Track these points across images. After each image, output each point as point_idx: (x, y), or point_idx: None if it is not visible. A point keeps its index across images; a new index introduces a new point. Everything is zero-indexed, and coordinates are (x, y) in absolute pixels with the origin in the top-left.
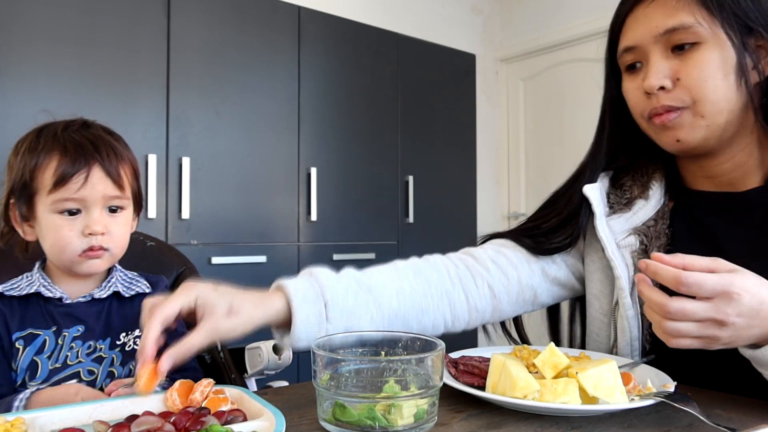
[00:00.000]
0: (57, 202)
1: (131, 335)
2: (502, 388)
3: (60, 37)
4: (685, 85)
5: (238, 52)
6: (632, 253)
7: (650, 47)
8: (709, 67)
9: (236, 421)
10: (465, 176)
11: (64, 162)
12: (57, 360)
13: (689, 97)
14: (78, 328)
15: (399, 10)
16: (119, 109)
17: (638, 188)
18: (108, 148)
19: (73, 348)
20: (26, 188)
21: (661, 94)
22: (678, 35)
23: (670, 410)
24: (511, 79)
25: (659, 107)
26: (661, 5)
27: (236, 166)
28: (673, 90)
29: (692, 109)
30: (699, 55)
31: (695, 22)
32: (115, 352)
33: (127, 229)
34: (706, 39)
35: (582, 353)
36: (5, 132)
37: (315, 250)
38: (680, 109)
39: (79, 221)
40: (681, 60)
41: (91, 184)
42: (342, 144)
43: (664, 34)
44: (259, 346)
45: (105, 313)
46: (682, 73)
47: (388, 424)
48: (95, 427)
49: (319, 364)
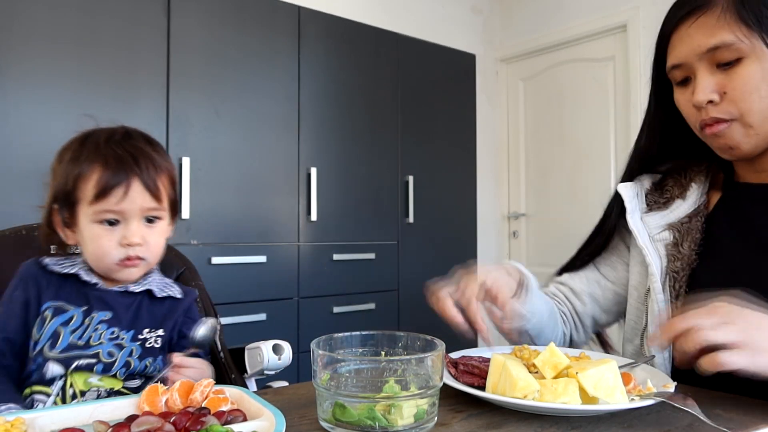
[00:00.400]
0: (97, 213)
1: (154, 333)
2: (502, 388)
3: (60, 37)
4: (731, 98)
5: (238, 52)
6: (666, 246)
7: (696, 64)
8: (753, 80)
9: (236, 421)
10: (465, 176)
11: (105, 175)
12: (81, 338)
13: (736, 110)
14: (107, 313)
15: (399, 10)
16: (119, 109)
17: (678, 189)
18: (147, 160)
19: (98, 330)
20: (69, 197)
21: (710, 107)
22: (720, 53)
23: (670, 410)
24: (511, 79)
25: (708, 119)
26: (702, 25)
27: (236, 166)
28: (721, 103)
29: (740, 121)
30: (742, 70)
31: (736, 40)
32: (136, 345)
33: (163, 237)
34: (748, 53)
35: (582, 353)
36: (5, 132)
37: (315, 250)
38: (729, 121)
39: (117, 232)
40: (726, 75)
41: (130, 197)
42: (342, 144)
43: (707, 52)
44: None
45: (135, 306)
46: (728, 87)
47: (388, 424)
48: (95, 427)
49: (319, 364)
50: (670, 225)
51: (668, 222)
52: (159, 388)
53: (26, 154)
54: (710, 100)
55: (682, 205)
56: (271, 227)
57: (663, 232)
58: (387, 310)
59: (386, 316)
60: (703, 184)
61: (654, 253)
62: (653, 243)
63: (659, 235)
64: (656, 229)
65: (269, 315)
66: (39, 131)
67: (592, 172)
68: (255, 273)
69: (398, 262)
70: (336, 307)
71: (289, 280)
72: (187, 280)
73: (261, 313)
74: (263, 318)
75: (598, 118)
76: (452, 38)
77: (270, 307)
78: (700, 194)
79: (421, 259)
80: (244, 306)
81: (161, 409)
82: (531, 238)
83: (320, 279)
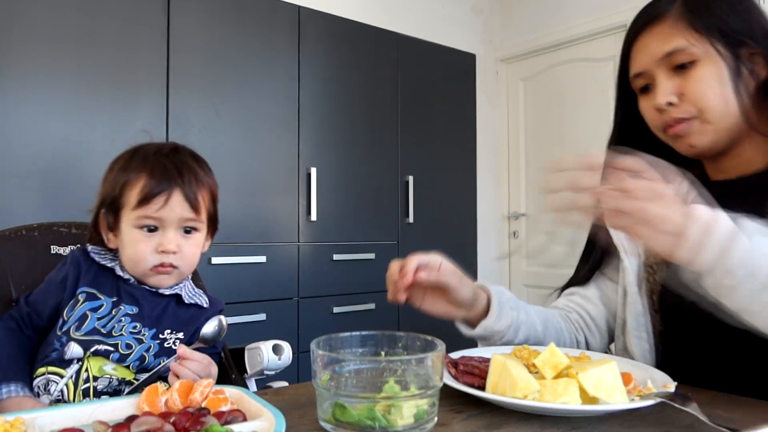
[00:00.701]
0: (138, 219)
1: (175, 334)
2: (502, 388)
3: (60, 37)
4: (689, 98)
5: (238, 52)
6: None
7: (655, 70)
8: (708, 80)
9: (236, 421)
10: (465, 176)
11: (150, 183)
12: (105, 326)
13: (695, 108)
14: (133, 308)
15: (399, 10)
16: (119, 109)
17: None
18: (190, 173)
19: (121, 322)
20: (114, 202)
21: (670, 108)
22: (675, 57)
23: (670, 410)
24: (511, 79)
25: (670, 120)
26: (657, 33)
27: (236, 166)
28: (680, 104)
29: (699, 118)
30: (696, 72)
31: (688, 44)
32: (155, 342)
33: (198, 249)
34: (701, 57)
35: (582, 353)
36: (5, 132)
37: (315, 250)
38: (689, 120)
39: (155, 238)
40: (683, 78)
41: (170, 206)
42: (342, 144)
43: (663, 58)
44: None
45: (161, 306)
46: (686, 88)
47: (388, 425)
48: (95, 427)
49: (319, 364)
50: None
51: None
52: (159, 388)
53: (26, 154)
54: (670, 101)
55: None
56: (271, 227)
57: None
58: (387, 310)
59: (386, 316)
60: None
61: (632, 249)
62: (629, 241)
63: None
64: None
65: (269, 315)
66: (39, 131)
67: None
68: (255, 273)
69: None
70: (336, 307)
71: (289, 280)
72: None
73: (261, 313)
74: (263, 318)
75: (598, 118)
76: (452, 38)
77: (270, 307)
78: None
79: None
80: (244, 306)
81: (161, 410)
82: (531, 238)
83: (320, 279)
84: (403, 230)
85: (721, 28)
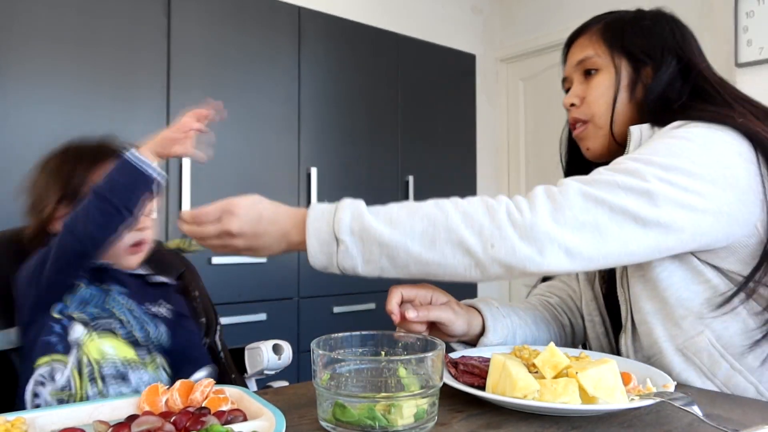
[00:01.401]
0: None
1: (164, 305)
2: (502, 388)
3: (60, 37)
4: (587, 102)
5: (238, 52)
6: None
7: (573, 75)
8: (602, 87)
9: (236, 421)
10: (465, 176)
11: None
12: (104, 309)
13: (590, 111)
14: (123, 289)
15: (399, 10)
16: (119, 109)
17: None
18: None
19: (118, 301)
20: (77, 192)
21: (573, 110)
22: (584, 64)
23: (670, 410)
24: (511, 79)
25: (571, 119)
26: (578, 44)
27: (236, 166)
28: (581, 107)
29: (592, 122)
30: (596, 80)
31: (594, 54)
32: (149, 316)
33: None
34: (603, 67)
35: (582, 353)
36: (5, 132)
37: None
38: (585, 123)
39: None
40: (587, 84)
41: None
42: (342, 144)
43: (577, 64)
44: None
45: (141, 284)
46: (587, 93)
47: (388, 424)
48: (95, 427)
49: (319, 364)
50: None
51: None
52: (159, 388)
53: (27, 155)
54: (572, 103)
55: None
56: None
57: None
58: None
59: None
60: None
61: None
62: None
63: None
64: None
65: (269, 315)
66: (39, 131)
67: None
68: (255, 273)
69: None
70: (336, 307)
71: (289, 280)
72: (188, 281)
73: (261, 313)
74: (263, 318)
75: None
76: (452, 38)
77: (270, 307)
78: None
79: None
80: (244, 306)
81: (161, 409)
82: None
83: (320, 279)
84: None
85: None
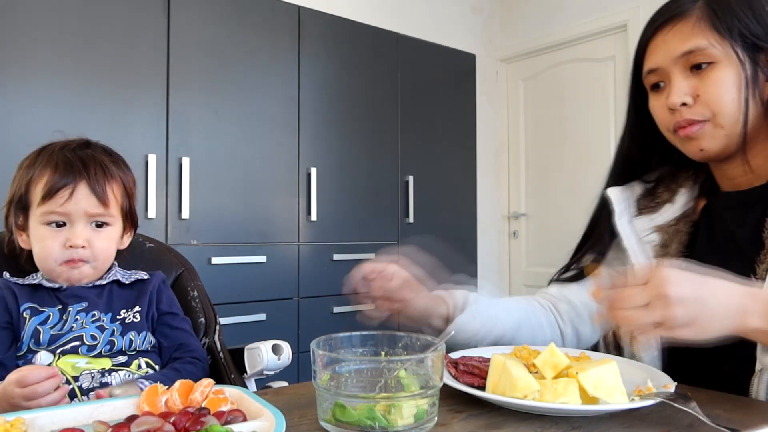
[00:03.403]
0: (44, 215)
1: (131, 311)
2: (502, 388)
3: (60, 36)
4: (704, 100)
5: (238, 52)
6: (654, 247)
7: (671, 68)
8: (725, 83)
9: (236, 421)
10: (465, 176)
11: (54, 178)
12: (62, 329)
13: (709, 111)
14: (82, 304)
15: (399, 9)
16: (119, 109)
17: (668, 194)
18: (97, 166)
19: (78, 319)
20: (21, 200)
21: (683, 109)
22: (694, 56)
23: (670, 410)
24: (511, 79)
25: (682, 121)
26: (678, 32)
27: (236, 166)
28: (694, 105)
29: (712, 122)
30: (714, 74)
31: (709, 45)
32: (116, 324)
33: (112, 243)
34: (720, 59)
35: (582, 353)
36: (5, 132)
37: (315, 250)
38: (702, 122)
39: (63, 234)
40: (699, 78)
41: (75, 199)
42: (342, 144)
43: (681, 56)
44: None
45: (106, 294)
46: (701, 90)
47: (388, 424)
48: (95, 427)
49: (319, 364)
50: (658, 227)
51: (656, 224)
52: (159, 388)
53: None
54: (684, 102)
55: (671, 209)
56: (271, 227)
57: (651, 234)
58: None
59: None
60: (692, 190)
61: (642, 254)
62: (641, 245)
63: (647, 237)
64: (644, 231)
65: (269, 315)
66: (39, 131)
67: (593, 172)
68: (255, 273)
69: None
70: (336, 307)
71: (289, 280)
72: (186, 281)
73: (261, 313)
74: (263, 318)
75: (599, 118)
76: (452, 38)
77: (270, 307)
78: (688, 199)
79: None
80: (244, 306)
81: (161, 409)
82: (531, 238)
83: (320, 279)
84: (403, 230)
85: (742, 32)
